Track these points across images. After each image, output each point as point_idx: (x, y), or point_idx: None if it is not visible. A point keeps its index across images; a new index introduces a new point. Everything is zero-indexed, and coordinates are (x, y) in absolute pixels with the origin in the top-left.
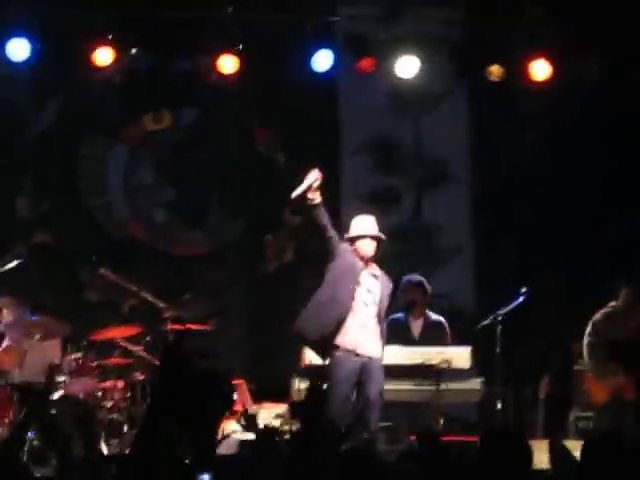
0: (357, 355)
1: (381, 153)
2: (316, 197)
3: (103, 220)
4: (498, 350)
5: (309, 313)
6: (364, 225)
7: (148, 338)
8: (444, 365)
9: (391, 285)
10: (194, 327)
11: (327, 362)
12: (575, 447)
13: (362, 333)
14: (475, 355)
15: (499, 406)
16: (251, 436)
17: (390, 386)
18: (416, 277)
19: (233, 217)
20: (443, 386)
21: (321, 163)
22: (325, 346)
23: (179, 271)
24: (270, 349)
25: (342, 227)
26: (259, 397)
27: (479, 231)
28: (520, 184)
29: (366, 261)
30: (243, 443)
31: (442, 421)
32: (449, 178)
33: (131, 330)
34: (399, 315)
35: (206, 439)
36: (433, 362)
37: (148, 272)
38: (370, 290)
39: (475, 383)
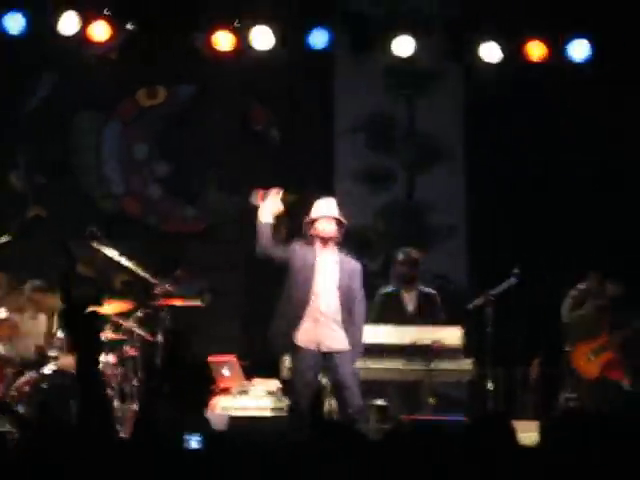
0: (318, 351)
1: (375, 132)
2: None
3: (97, 195)
4: (489, 330)
5: (274, 325)
6: (321, 207)
7: (139, 313)
8: (435, 345)
9: (358, 265)
10: (185, 302)
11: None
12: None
13: (321, 327)
14: (466, 335)
15: (490, 386)
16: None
17: (381, 365)
18: (407, 250)
19: (228, 194)
20: (434, 365)
21: (316, 141)
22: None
23: (172, 247)
24: (262, 326)
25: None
26: (251, 373)
27: (473, 211)
28: (515, 165)
29: (324, 243)
30: (234, 419)
31: (432, 400)
32: (443, 157)
33: (123, 305)
34: (392, 289)
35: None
36: (424, 342)
37: (141, 247)
38: (325, 280)
39: (466, 363)
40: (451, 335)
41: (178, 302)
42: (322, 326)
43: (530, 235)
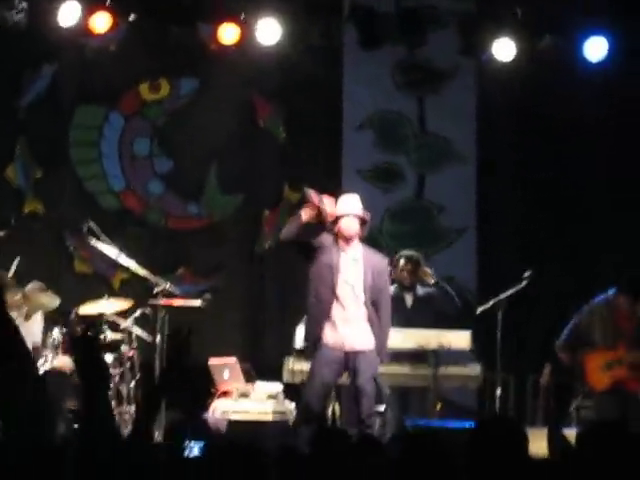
0: (343, 351)
1: (385, 129)
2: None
3: (96, 191)
4: (499, 335)
5: (305, 316)
6: (346, 204)
7: (138, 313)
8: (442, 349)
9: (385, 262)
10: (186, 303)
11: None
12: (574, 436)
13: (346, 327)
14: (475, 340)
15: (499, 393)
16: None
17: (385, 370)
18: (408, 255)
19: (230, 191)
20: (441, 371)
21: (323, 138)
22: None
23: (173, 245)
24: (265, 328)
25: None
26: (252, 376)
27: (484, 212)
28: (528, 165)
29: (347, 241)
30: (233, 424)
31: (439, 407)
32: (454, 157)
33: (122, 304)
34: (394, 291)
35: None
36: (431, 346)
37: (141, 245)
38: (348, 280)
39: (474, 368)
40: (459, 339)
41: (179, 302)
42: (347, 325)
43: (542, 238)
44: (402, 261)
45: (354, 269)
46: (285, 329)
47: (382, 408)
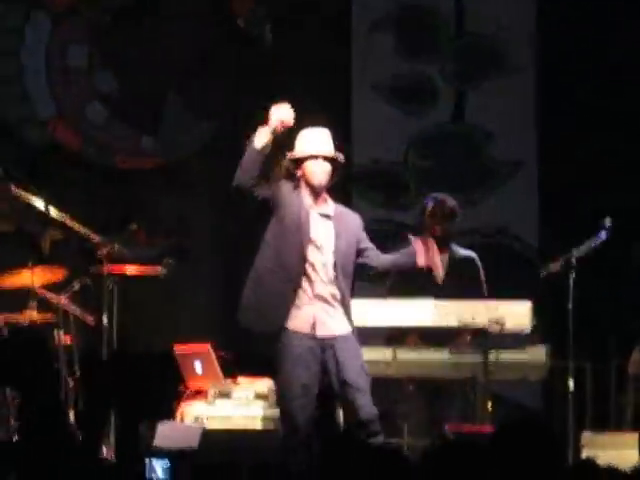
0: (315, 338)
1: (409, 31)
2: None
3: (15, 119)
4: (571, 307)
5: (249, 291)
6: (312, 141)
7: (76, 285)
8: (494, 328)
9: (358, 221)
10: (141, 270)
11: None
12: None
13: (318, 306)
14: (539, 314)
15: (571, 386)
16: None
17: (412, 357)
18: (440, 196)
19: (198, 118)
20: (492, 357)
21: (325, 41)
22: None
23: (122, 193)
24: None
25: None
26: (235, 369)
27: (547, 141)
28: (598, 73)
29: (315, 193)
30: (210, 434)
31: (490, 406)
32: (505, 66)
33: (53, 274)
34: None
35: None
36: (477, 323)
37: (78, 192)
38: (320, 245)
39: (538, 353)
40: (517, 313)
41: (131, 269)
42: (317, 304)
43: (624, 174)
44: (431, 204)
45: (325, 231)
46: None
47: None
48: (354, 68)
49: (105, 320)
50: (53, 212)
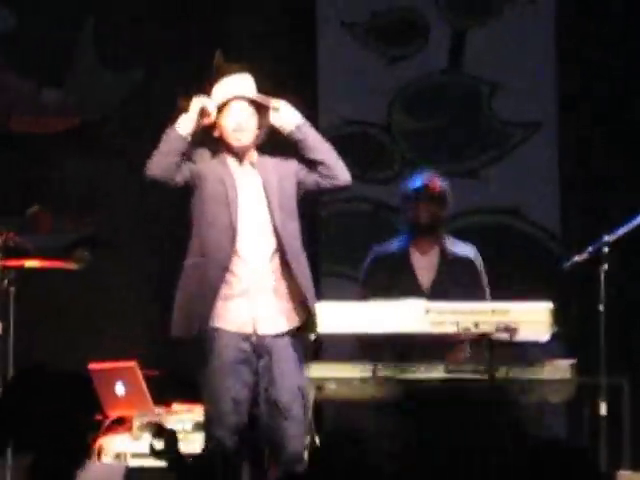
0: (250, 339)
1: None
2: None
3: None
4: (602, 309)
5: (177, 293)
6: (229, 85)
7: None
8: (502, 336)
9: (292, 164)
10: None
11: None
12: None
13: (257, 295)
14: (561, 318)
15: (604, 410)
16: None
17: (396, 374)
18: (427, 176)
19: (120, 65)
20: (502, 373)
21: None
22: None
23: (20, 164)
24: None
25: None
26: (168, 393)
27: (572, 95)
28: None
29: (241, 154)
30: (134, 474)
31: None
32: None
33: None
34: (395, 245)
35: None
36: (484, 329)
37: None
38: (250, 213)
39: (561, 368)
40: (532, 317)
41: (33, 263)
42: (256, 294)
43: None
44: (418, 184)
45: (255, 193)
46: None
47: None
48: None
49: None
50: None
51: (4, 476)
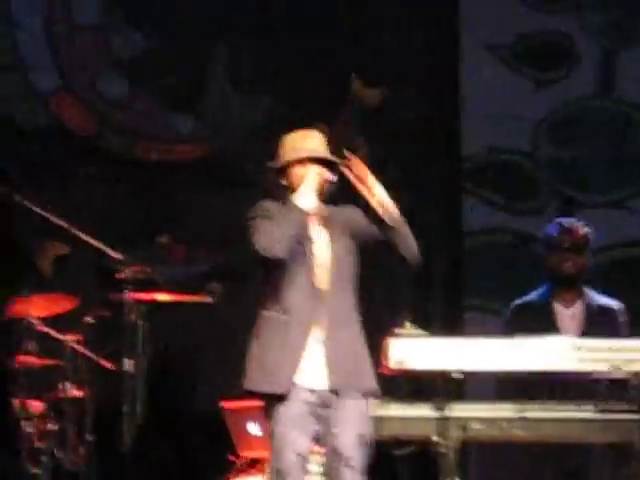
0: (316, 391)
1: None
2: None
3: (5, 94)
4: None
5: (251, 344)
6: (302, 142)
7: (89, 319)
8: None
9: (356, 211)
10: (178, 297)
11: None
12: None
13: (326, 349)
14: None
15: None
16: None
17: (545, 415)
18: (569, 222)
19: (251, 92)
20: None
21: None
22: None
23: (151, 192)
24: None
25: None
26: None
27: None
28: None
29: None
30: None
31: None
32: None
33: (58, 303)
34: (535, 295)
35: None
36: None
37: (92, 194)
38: (324, 263)
39: None
40: None
41: (163, 297)
42: (328, 344)
43: None
44: (557, 229)
45: (323, 246)
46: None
47: None
48: (462, 24)
49: (128, 365)
50: (55, 221)
51: None
